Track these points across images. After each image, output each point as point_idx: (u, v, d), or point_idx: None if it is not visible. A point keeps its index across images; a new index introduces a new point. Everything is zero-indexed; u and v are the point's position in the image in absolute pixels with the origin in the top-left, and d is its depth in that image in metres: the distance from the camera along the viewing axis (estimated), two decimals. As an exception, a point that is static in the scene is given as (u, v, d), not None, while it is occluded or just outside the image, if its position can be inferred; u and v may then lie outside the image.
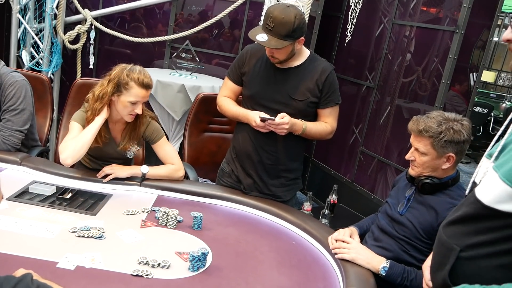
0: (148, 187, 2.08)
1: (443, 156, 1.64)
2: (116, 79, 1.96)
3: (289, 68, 2.07)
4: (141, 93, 1.96)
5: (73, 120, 2.04)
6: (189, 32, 3.88)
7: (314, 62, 2.09)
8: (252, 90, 2.13)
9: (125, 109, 1.98)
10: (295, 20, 1.89)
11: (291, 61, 2.07)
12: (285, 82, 2.07)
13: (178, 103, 3.50)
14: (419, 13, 3.31)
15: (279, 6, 1.93)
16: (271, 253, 1.73)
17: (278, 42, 1.91)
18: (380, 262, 1.63)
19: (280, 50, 1.96)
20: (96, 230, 1.65)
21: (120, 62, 2.09)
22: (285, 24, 1.89)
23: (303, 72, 2.07)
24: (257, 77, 2.11)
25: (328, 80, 2.07)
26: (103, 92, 1.97)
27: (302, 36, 1.98)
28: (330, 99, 2.10)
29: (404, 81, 3.35)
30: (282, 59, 2.02)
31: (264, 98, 2.09)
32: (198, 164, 2.68)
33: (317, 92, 2.07)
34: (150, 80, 1.99)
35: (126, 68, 1.99)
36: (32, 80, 2.46)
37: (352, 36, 3.61)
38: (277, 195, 2.18)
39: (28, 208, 1.76)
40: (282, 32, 1.90)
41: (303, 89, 2.06)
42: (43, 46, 3.79)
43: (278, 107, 2.06)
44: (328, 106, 2.11)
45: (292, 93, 2.06)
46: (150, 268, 1.48)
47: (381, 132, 3.48)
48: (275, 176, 2.17)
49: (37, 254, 1.46)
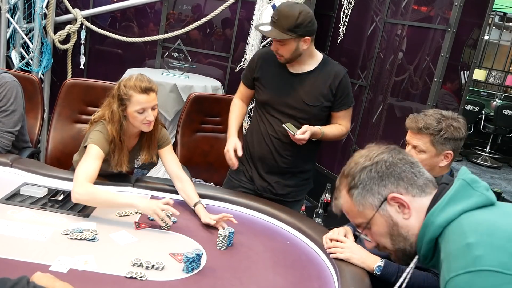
0: (141, 188, 2.07)
1: (441, 153, 1.65)
2: (117, 93, 1.89)
3: (302, 73, 2.09)
4: (143, 99, 1.86)
5: (93, 143, 1.86)
6: (180, 32, 3.87)
7: (327, 66, 2.10)
8: (266, 96, 2.15)
9: (136, 120, 1.89)
10: (299, 15, 1.92)
11: (304, 66, 2.09)
12: (298, 88, 2.08)
13: (170, 103, 3.49)
14: (410, 12, 3.32)
15: (289, 2, 1.99)
16: (265, 253, 1.72)
17: (279, 34, 1.94)
18: (375, 261, 1.63)
19: (284, 46, 1.98)
20: (89, 232, 1.63)
21: (111, 61, 2.06)
22: (288, 17, 1.92)
23: (317, 77, 2.08)
24: (271, 82, 2.14)
25: (342, 84, 2.08)
26: (111, 111, 1.89)
27: (307, 36, 1.98)
28: (344, 102, 2.12)
29: (396, 79, 3.36)
30: (286, 57, 2.03)
31: (278, 103, 2.12)
32: (191, 164, 2.67)
33: (331, 96, 2.08)
34: (150, 83, 1.89)
35: (123, 80, 1.92)
36: (22, 80, 2.43)
37: (344, 35, 3.63)
38: (290, 195, 2.22)
39: (20, 210, 1.74)
40: (284, 25, 1.93)
41: (317, 94, 2.07)
42: (33, 46, 3.75)
43: (292, 112, 2.09)
44: (342, 109, 2.13)
45: (306, 99, 2.08)
46: (144, 270, 1.47)
47: (374, 130, 3.49)
48: (289, 178, 2.21)
49: (29, 257, 1.44)
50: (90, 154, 1.84)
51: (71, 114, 2.58)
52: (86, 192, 1.73)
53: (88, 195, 1.73)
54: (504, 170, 7.24)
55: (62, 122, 2.56)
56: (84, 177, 1.76)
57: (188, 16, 4.14)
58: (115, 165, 1.94)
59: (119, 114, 1.89)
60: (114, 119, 1.89)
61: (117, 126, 1.89)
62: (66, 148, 2.52)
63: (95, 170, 1.82)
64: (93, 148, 1.86)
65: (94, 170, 1.81)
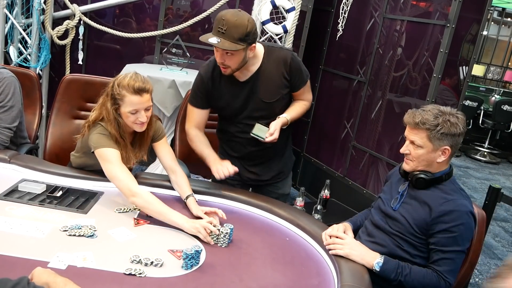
0: (140, 184, 2.05)
1: (438, 149, 1.64)
2: (110, 92, 1.87)
3: (251, 77, 2.05)
4: (136, 100, 1.82)
5: (102, 147, 1.86)
6: (179, 27, 3.85)
7: (272, 56, 2.06)
8: (226, 110, 2.13)
9: (129, 120, 1.87)
10: (248, 23, 1.87)
11: (250, 68, 2.04)
12: (253, 91, 2.07)
13: (169, 99, 3.48)
14: (409, 7, 3.31)
15: (231, 10, 1.92)
16: (264, 249, 1.72)
17: (231, 44, 1.86)
18: (374, 257, 1.64)
19: (232, 56, 1.91)
20: (87, 229, 1.63)
21: (109, 57, 2.04)
22: (238, 26, 1.85)
23: (266, 71, 2.05)
24: (225, 95, 2.10)
25: (293, 67, 2.07)
26: (106, 111, 1.88)
27: (254, 43, 1.95)
28: (300, 81, 2.12)
29: (395, 75, 3.35)
30: (233, 68, 1.96)
31: (240, 113, 2.11)
32: (189, 160, 2.66)
33: (286, 82, 2.08)
34: (144, 83, 1.84)
35: (117, 78, 1.89)
36: (20, 76, 2.42)
37: (343, 30, 3.61)
38: (277, 176, 2.29)
39: (18, 207, 1.74)
40: (235, 35, 1.85)
41: (273, 88, 2.07)
42: (31, 42, 3.73)
43: (257, 114, 2.10)
44: (300, 87, 2.14)
45: (264, 97, 2.07)
46: (143, 266, 1.46)
47: (373, 126, 3.48)
48: (272, 164, 2.27)
49: (28, 254, 1.44)
50: (112, 160, 1.84)
51: (70, 110, 2.58)
52: (143, 200, 1.78)
53: (145, 203, 1.78)
54: (503, 165, 7.25)
55: (61, 118, 2.55)
56: (131, 184, 1.80)
57: (187, 12, 4.12)
58: (125, 163, 1.90)
59: (113, 113, 1.87)
60: (110, 117, 1.88)
61: (114, 124, 1.88)
62: (65, 144, 2.51)
63: (130, 174, 1.85)
64: (109, 152, 1.85)
65: (129, 175, 1.84)
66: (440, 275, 1.60)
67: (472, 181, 6.03)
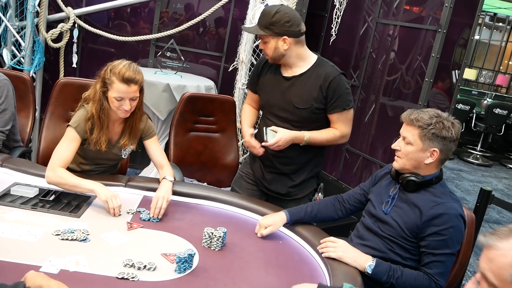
0: (133, 188, 2.06)
1: (428, 149, 1.66)
2: (103, 75, 1.94)
3: (294, 76, 2.11)
4: (123, 88, 1.88)
5: (72, 125, 1.96)
6: (174, 31, 3.86)
7: (320, 68, 2.09)
8: (263, 100, 2.23)
9: (113, 104, 1.94)
10: (275, 14, 1.99)
11: (295, 69, 2.11)
12: (289, 91, 2.11)
13: (163, 103, 3.48)
14: (402, 12, 3.34)
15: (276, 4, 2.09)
16: (258, 253, 1.72)
17: (256, 29, 2.07)
18: (366, 260, 1.65)
19: (266, 44, 2.05)
20: (80, 233, 1.63)
21: (104, 61, 2.06)
22: (265, 15, 2.03)
23: (307, 79, 2.09)
24: (267, 86, 2.20)
25: (332, 86, 2.05)
26: (94, 90, 1.97)
27: (286, 36, 2.01)
28: (336, 105, 2.07)
29: (388, 79, 3.38)
30: (270, 56, 2.09)
31: (272, 106, 2.17)
32: (183, 163, 2.67)
33: (322, 98, 2.07)
34: (135, 74, 1.90)
35: (113, 63, 1.97)
36: (13, 79, 2.41)
37: (336, 35, 3.63)
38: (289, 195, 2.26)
39: (10, 210, 1.73)
40: (262, 22, 2.03)
41: (307, 96, 2.08)
42: (24, 45, 3.72)
43: (285, 115, 2.13)
44: (334, 112, 2.09)
45: (296, 102, 2.09)
46: (136, 270, 1.46)
47: (366, 130, 3.50)
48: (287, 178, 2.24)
49: (20, 258, 1.44)
50: (66, 137, 1.96)
51: (64, 114, 2.56)
52: (56, 175, 1.89)
53: (58, 178, 1.89)
54: (495, 168, 7.30)
55: (54, 121, 2.54)
56: (57, 161, 1.91)
57: (182, 15, 4.13)
58: (93, 144, 1.98)
59: (100, 94, 1.94)
60: (95, 98, 1.95)
61: (97, 105, 1.95)
62: (58, 147, 2.50)
63: (69, 154, 1.95)
64: (70, 132, 1.96)
65: (68, 154, 1.94)
66: (431, 278, 1.61)
67: (465, 183, 6.08)
